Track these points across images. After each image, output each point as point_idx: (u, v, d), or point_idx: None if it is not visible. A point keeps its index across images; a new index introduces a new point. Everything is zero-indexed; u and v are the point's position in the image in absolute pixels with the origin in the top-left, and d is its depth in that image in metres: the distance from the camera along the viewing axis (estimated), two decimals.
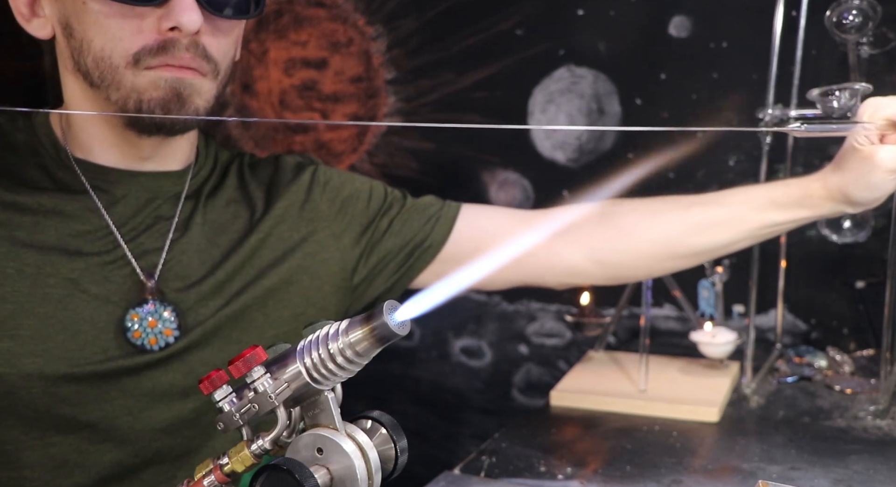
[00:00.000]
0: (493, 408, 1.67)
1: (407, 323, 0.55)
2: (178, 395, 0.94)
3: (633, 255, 1.07)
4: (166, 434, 0.94)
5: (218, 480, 0.61)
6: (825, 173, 0.96)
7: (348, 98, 1.66)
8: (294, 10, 1.66)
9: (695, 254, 1.06)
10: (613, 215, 1.07)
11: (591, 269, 1.08)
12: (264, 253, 1.00)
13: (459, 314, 1.66)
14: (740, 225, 1.01)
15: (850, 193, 0.93)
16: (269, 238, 1.00)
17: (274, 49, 1.69)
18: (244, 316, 0.97)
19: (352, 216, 1.07)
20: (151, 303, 0.91)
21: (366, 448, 0.58)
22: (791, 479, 0.94)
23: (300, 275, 1.01)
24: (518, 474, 0.98)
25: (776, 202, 0.99)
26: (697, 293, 1.27)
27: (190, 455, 0.96)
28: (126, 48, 0.87)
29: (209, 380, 0.60)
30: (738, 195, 1.02)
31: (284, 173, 1.06)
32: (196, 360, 0.94)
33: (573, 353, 1.57)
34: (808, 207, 0.98)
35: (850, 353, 1.30)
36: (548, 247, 1.08)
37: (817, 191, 0.96)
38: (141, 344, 0.91)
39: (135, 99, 0.89)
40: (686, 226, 1.04)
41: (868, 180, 0.91)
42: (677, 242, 1.05)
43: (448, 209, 1.09)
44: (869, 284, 1.32)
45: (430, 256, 1.08)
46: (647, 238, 1.05)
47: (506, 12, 1.49)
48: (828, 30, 1.13)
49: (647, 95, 1.42)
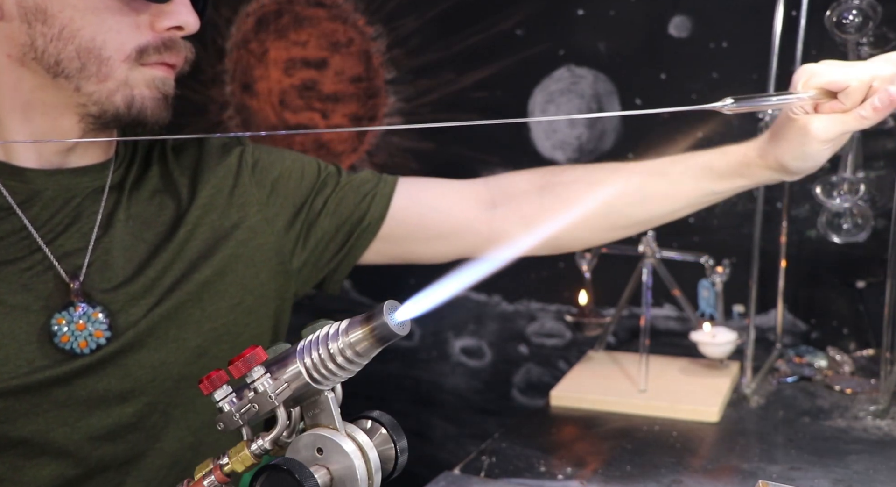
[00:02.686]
0: (493, 408, 1.67)
1: (407, 323, 0.55)
2: (116, 400, 0.90)
3: (573, 226, 1.05)
4: (108, 442, 0.91)
5: (218, 480, 0.61)
6: (761, 143, 0.94)
7: (348, 98, 1.66)
8: (294, 10, 1.66)
9: (635, 224, 1.06)
10: (555, 187, 1.05)
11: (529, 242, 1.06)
12: (194, 245, 0.96)
13: (459, 314, 1.65)
14: (680, 195, 1.01)
15: (785, 162, 0.92)
16: (197, 229, 0.96)
17: (274, 49, 1.69)
18: (179, 313, 0.93)
19: (284, 197, 1.03)
20: (78, 305, 0.88)
21: (366, 448, 0.58)
22: (791, 479, 0.94)
23: (234, 264, 0.97)
24: (518, 474, 0.98)
25: (715, 172, 0.98)
26: (697, 293, 1.26)
27: (137, 460, 0.93)
28: (122, 41, 0.86)
29: (209, 380, 0.60)
30: (677, 165, 1.01)
31: (210, 157, 1.01)
32: (132, 362, 0.90)
33: (573, 353, 1.57)
34: (746, 176, 0.97)
35: (850, 353, 1.30)
36: (489, 221, 1.05)
37: (754, 160, 0.95)
38: (70, 348, 0.87)
39: (125, 93, 0.87)
40: (627, 197, 1.02)
41: (804, 151, 0.89)
42: (618, 213, 1.04)
43: (384, 185, 1.06)
44: (869, 284, 1.32)
45: (371, 234, 1.05)
46: (587, 209, 1.03)
47: (506, 12, 1.49)
48: (828, 30, 1.13)
49: (647, 95, 1.42)
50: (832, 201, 1.09)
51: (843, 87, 0.84)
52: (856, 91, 0.84)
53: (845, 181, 1.08)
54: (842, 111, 0.85)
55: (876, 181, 1.27)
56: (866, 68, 0.85)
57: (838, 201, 1.08)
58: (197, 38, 0.94)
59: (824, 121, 0.86)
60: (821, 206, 1.11)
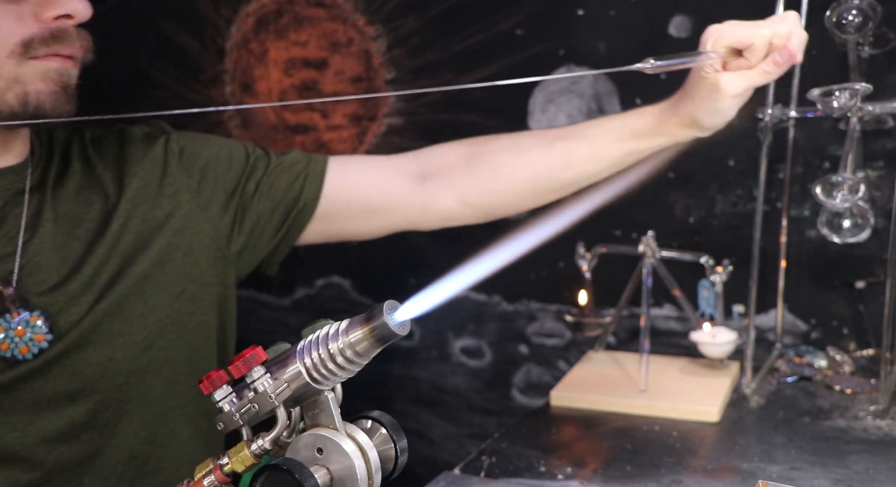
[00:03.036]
0: (493, 408, 1.67)
1: (407, 323, 0.55)
2: (66, 400, 0.90)
3: (502, 194, 1.08)
4: (62, 443, 0.90)
5: (218, 480, 0.61)
6: (676, 102, 0.99)
7: None
8: (294, 10, 1.66)
9: (561, 188, 1.08)
10: (482, 156, 1.08)
11: (463, 212, 1.10)
12: (128, 238, 0.95)
13: (459, 314, 1.65)
14: (602, 157, 1.04)
15: (699, 118, 0.97)
16: (130, 222, 0.95)
17: (274, 49, 1.69)
18: (122, 307, 0.92)
19: (214, 183, 1.02)
20: (15, 311, 0.86)
21: (366, 448, 0.58)
22: (791, 479, 0.94)
23: (172, 254, 0.97)
24: (518, 474, 0.98)
25: (634, 132, 1.02)
26: (697, 293, 1.26)
27: (93, 459, 0.93)
28: (5, 36, 0.83)
29: (209, 380, 0.60)
30: (597, 127, 1.04)
31: (134, 148, 0.99)
32: (79, 362, 0.90)
33: (573, 353, 1.57)
34: (664, 134, 1.01)
35: (850, 353, 1.30)
36: (420, 194, 1.08)
37: (670, 119, 1.00)
38: (11, 355, 0.86)
39: (18, 91, 0.84)
40: (551, 162, 1.05)
41: (715, 107, 0.95)
42: (544, 178, 1.06)
43: (315, 164, 1.07)
44: (869, 284, 1.32)
45: (307, 215, 1.06)
46: (516, 177, 1.07)
47: (506, 12, 1.49)
48: (828, 30, 1.13)
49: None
50: (832, 201, 1.08)
51: (747, 45, 0.90)
52: (759, 48, 0.90)
53: (845, 181, 1.08)
54: (747, 67, 0.92)
55: (876, 181, 1.27)
56: (766, 27, 0.91)
57: (838, 200, 1.08)
58: (197, 38, 0.93)
59: (732, 77, 0.92)
60: (821, 206, 1.11)
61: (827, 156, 1.32)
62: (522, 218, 1.56)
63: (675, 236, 1.42)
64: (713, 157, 1.39)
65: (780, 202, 1.32)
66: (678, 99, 0.99)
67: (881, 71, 1.25)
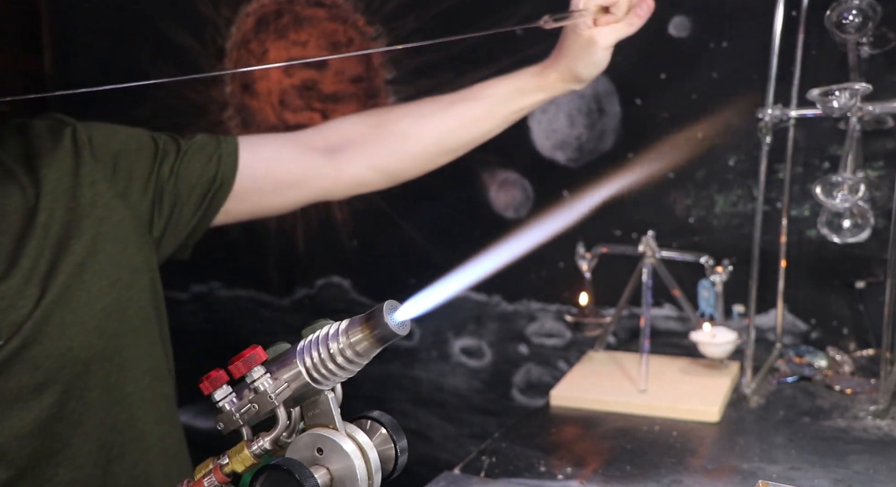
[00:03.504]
0: (493, 408, 1.67)
1: (407, 323, 0.55)
2: (32, 394, 0.90)
3: (409, 157, 1.17)
4: (34, 438, 0.91)
5: (218, 480, 0.61)
6: (554, 60, 1.13)
7: (348, 98, 1.66)
8: (294, 10, 1.66)
9: (462, 146, 1.18)
10: (386, 125, 1.16)
11: (374, 178, 1.17)
12: (57, 229, 0.95)
13: (459, 314, 1.65)
14: (496, 115, 1.16)
15: (578, 71, 1.11)
16: (55, 213, 0.95)
17: (274, 49, 1.69)
18: (68, 297, 0.93)
19: (128, 171, 1.03)
20: None
21: (366, 448, 0.58)
22: (791, 479, 0.94)
23: (102, 243, 0.97)
24: (518, 474, 0.98)
25: (521, 91, 1.14)
26: (697, 293, 1.26)
27: (64, 450, 0.94)
28: None
29: (209, 380, 0.60)
30: (488, 89, 1.15)
31: (40, 140, 0.99)
32: (38, 354, 0.90)
33: (573, 353, 1.57)
34: (546, 90, 1.14)
35: (850, 353, 1.30)
36: (333, 165, 1.14)
37: (550, 74, 1.13)
38: None
39: None
40: (452, 123, 1.15)
41: (591, 60, 1.10)
42: (447, 138, 1.16)
43: (227, 145, 1.09)
44: (869, 284, 1.32)
45: (224, 193, 1.08)
46: (421, 140, 1.16)
47: (506, 12, 1.49)
48: (828, 30, 1.13)
49: (647, 95, 1.42)
50: (832, 201, 1.08)
51: (613, 2, 1.06)
52: (623, 4, 1.06)
53: (845, 181, 1.08)
54: (615, 22, 1.08)
55: (876, 181, 1.27)
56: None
57: (838, 200, 1.08)
58: (197, 38, 0.93)
59: (604, 31, 1.08)
60: (821, 206, 1.11)
61: (827, 156, 1.32)
62: (522, 218, 1.56)
63: (675, 236, 1.42)
64: (713, 157, 1.39)
65: (780, 202, 1.32)
66: (556, 57, 1.13)
67: (881, 71, 1.25)
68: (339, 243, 1.73)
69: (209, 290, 1.87)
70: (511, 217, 1.57)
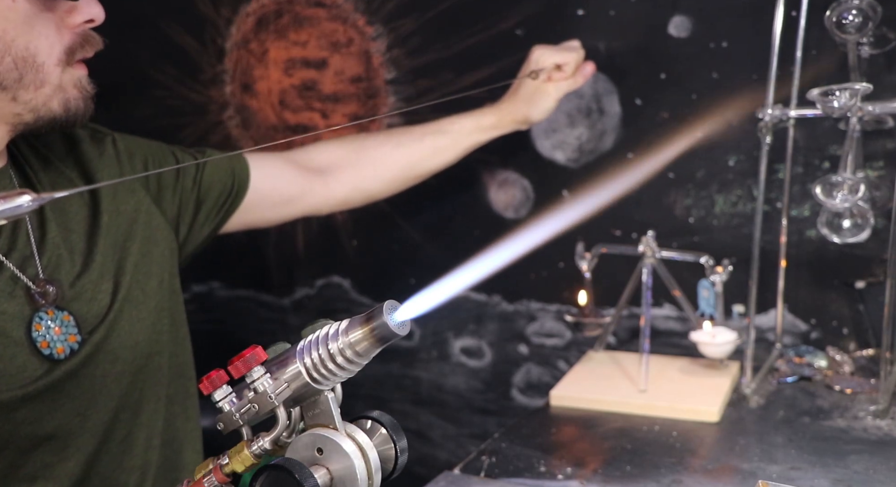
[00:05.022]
0: (493, 408, 1.67)
1: (407, 323, 0.55)
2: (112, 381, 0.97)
3: (385, 181, 1.33)
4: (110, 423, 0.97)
5: (218, 480, 0.61)
6: (509, 104, 1.33)
7: (348, 98, 1.66)
8: (294, 10, 1.66)
9: (427, 173, 1.35)
10: (365, 151, 1.32)
11: (356, 197, 1.34)
12: (117, 230, 1.01)
13: (459, 314, 1.65)
14: (458, 148, 1.33)
15: (531, 116, 1.32)
16: (114, 215, 1.01)
17: (274, 49, 1.69)
18: (132, 295, 1.00)
19: (157, 181, 1.10)
20: (50, 310, 0.91)
21: (366, 448, 0.58)
22: (791, 479, 0.94)
23: (149, 246, 1.04)
24: (518, 474, 0.98)
25: (480, 128, 1.33)
26: (697, 293, 1.26)
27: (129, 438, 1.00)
28: (51, 45, 0.87)
29: (209, 380, 0.60)
30: (454, 124, 1.33)
31: (87, 147, 1.04)
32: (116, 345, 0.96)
33: (573, 353, 1.57)
34: (500, 128, 1.34)
35: (850, 353, 1.30)
36: (322, 184, 1.29)
37: (506, 117, 1.33)
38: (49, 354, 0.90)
39: (61, 98, 0.89)
40: (422, 153, 1.32)
41: (544, 107, 1.31)
42: (417, 165, 1.33)
43: (238, 160, 1.20)
44: (869, 284, 1.32)
45: (236, 204, 1.19)
46: (396, 166, 1.32)
47: (506, 12, 1.49)
48: (828, 30, 1.13)
49: (647, 95, 1.42)
50: (832, 201, 1.08)
51: (566, 62, 1.29)
52: (571, 64, 1.30)
53: (845, 181, 1.08)
54: (563, 79, 1.30)
55: (876, 181, 1.27)
56: (575, 52, 1.31)
57: (838, 200, 1.08)
58: (197, 38, 0.94)
59: (557, 85, 1.30)
60: (821, 206, 1.11)
61: (827, 156, 1.32)
62: (522, 218, 1.56)
63: (675, 236, 1.42)
64: (713, 157, 1.39)
65: (780, 202, 1.32)
66: (511, 101, 1.33)
67: (881, 71, 1.25)
68: (339, 243, 1.73)
69: (209, 290, 1.87)
70: (511, 217, 1.57)
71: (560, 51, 1.30)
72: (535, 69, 1.28)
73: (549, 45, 1.31)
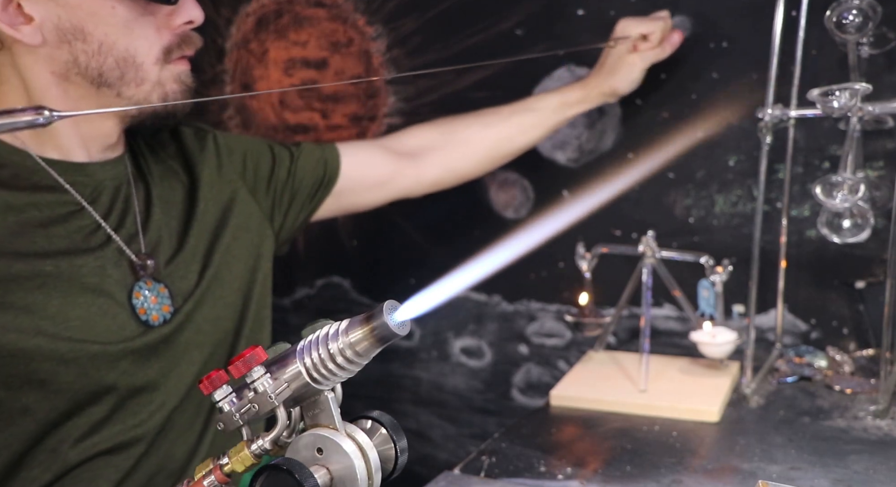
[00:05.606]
0: (493, 408, 1.67)
1: (407, 323, 0.55)
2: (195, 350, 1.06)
3: (475, 161, 1.37)
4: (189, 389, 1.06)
5: (218, 480, 0.61)
6: (596, 78, 1.32)
7: (348, 98, 1.66)
8: (294, 10, 1.66)
9: (517, 151, 1.38)
10: (456, 131, 1.35)
11: (448, 178, 1.37)
12: (211, 217, 1.13)
13: (459, 314, 1.65)
14: (546, 124, 1.35)
15: (617, 87, 1.32)
16: (210, 203, 1.13)
17: (274, 49, 1.69)
18: (219, 275, 1.10)
19: (254, 172, 1.21)
20: (149, 281, 1.02)
21: (366, 448, 0.58)
22: (791, 479, 0.94)
23: (239, 232, 1.15)
24: (518, 474, 0.99)
25: (567, 103, 1.34)
26: (697, 293, 1.26)
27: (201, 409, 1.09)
28: (150, 45, 0.98)
29: (209, 380, 0.60)
30: (541, 101, 1.35)
31: (192, 142, 1.17)
32: (201, 318, 1.07)
33: (573, 353, 1.57)
34: (587, 102, 1.34)
35: (850, 353, 1.30)
36: (413, 167, 1.34)
37: (593, 90, 1.33)
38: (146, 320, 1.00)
39: (160, 92, 1.00)
40: (510, 131, 1.35)
41: (631, 78, 1.30)
42: (506, 144, 1.36)
43: (330, 150, 1.29)
44: (869, 284, 1.32)
45: (327, 191, 1.27)
46: (484, 145, 1.35)
47: (506, 12, 1.49)
48: (828, 30, 1.13)
49: (647, 95, 1.42)
50: (832, 201, 1.08)
51: (651, 32, 1.27)
52: (657, 33, 1.28)
53: (845, 181, 1.08)
54: (650, 49, 1.29)
55: (876, 181, 1.27)
56: (661, 21, 1.29)
57: (838, 201, 1.08)
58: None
59: (644, 55, 1.29)
60: (821, 206, 1.11)
61: (827, 156, 1.32)
62: (522, 218, 1.56)
63: (675, 236, 1.42)
64: (713, 157, 1.39)
65: (780, 202, 1.32)
66: (597, 75, 1.32)
67: (881, 71, 1.25)
68: (339, 243, 1.73)
69: None
70: (511, 217, 1.57)
71: (645, 21, 1.29)
72: (615, 37, 1.28)
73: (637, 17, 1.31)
